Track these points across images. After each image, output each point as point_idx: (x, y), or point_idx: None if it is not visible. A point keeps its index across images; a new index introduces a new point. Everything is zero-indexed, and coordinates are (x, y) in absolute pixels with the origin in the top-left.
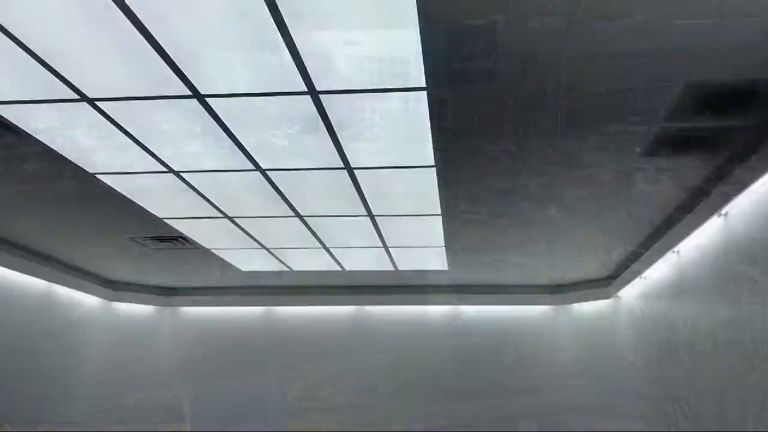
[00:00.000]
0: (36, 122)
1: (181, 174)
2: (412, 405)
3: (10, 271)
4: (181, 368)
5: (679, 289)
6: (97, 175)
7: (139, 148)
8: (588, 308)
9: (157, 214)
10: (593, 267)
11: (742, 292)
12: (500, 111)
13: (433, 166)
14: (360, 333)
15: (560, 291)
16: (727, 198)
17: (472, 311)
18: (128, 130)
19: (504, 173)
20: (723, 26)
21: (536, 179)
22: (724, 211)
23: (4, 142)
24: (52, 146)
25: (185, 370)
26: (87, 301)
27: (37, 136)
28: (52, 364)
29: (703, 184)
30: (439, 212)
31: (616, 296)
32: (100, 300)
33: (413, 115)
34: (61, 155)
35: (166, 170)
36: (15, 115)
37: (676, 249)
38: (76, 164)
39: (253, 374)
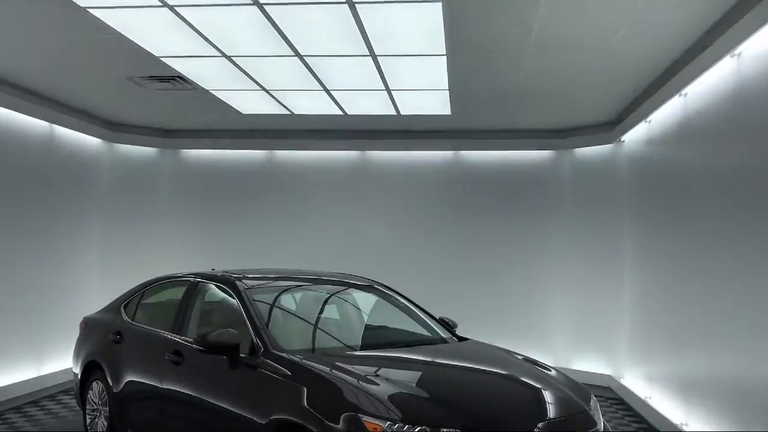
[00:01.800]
0: None
1: (175, 9)
2: (414, 251)
3: (11, 111)
4: (182, 211)
5: (685, 133)
6: (88, 9)
7: None
8: (591, 153)
9: (153, 52)
10: (597, 111)
11: (753, 138)
12: None
13: (439, 1)
14: (361, 178)
15: (563, 136)
16: (742, 37)
17: (474, 156)
18: None
19: (512, 15)
20: None
21: (544, 22)
22: (737, 51)
23: None
24: None
25: (187, 213)
26: (88, 141)
27: None
28: (57, 204)
29: (716, 21)
30: (444, 52)
31: (620, 140)
32: (102, 141)
33: None
34: None
35: (160, 4)
36: None
37: (683, 92)
38: None
39: (253, 219)
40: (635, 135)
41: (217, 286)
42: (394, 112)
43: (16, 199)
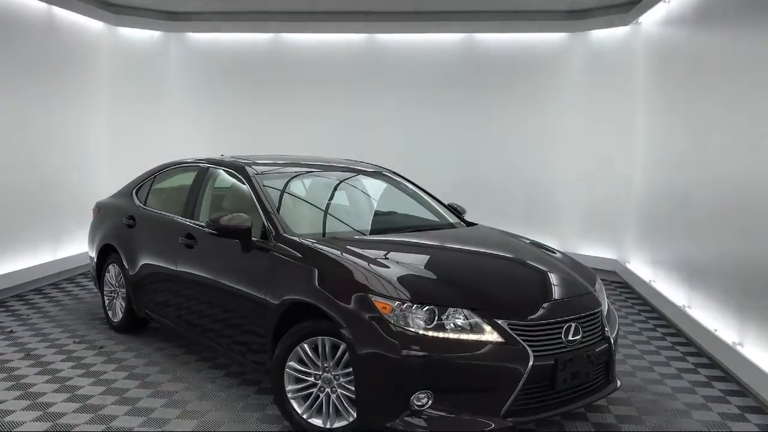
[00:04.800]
0: None
1: None
2: (423, 137)
3: None
4: (188, 96)
5: (705, 13)
6: None
7: None
8: (605, 35)
9: None
10: None
11: None
12: None
13: None
14: (370, 62)
15: (578, 17)
16: None
17: (486, 39)
18: None
19: None
20: None
21: None
22: None
23: None
24: None
25: (193, 98)
26: (90, 25)
27: None
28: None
29: None
30: None
31: (637, 22)
32: (104, 24)
33: None
34: None
35: None
36: None
37: None
38: None
39: (260, 104)
40: (653, 16)
41: (226, 171)
42: None
43: (17, 87)
